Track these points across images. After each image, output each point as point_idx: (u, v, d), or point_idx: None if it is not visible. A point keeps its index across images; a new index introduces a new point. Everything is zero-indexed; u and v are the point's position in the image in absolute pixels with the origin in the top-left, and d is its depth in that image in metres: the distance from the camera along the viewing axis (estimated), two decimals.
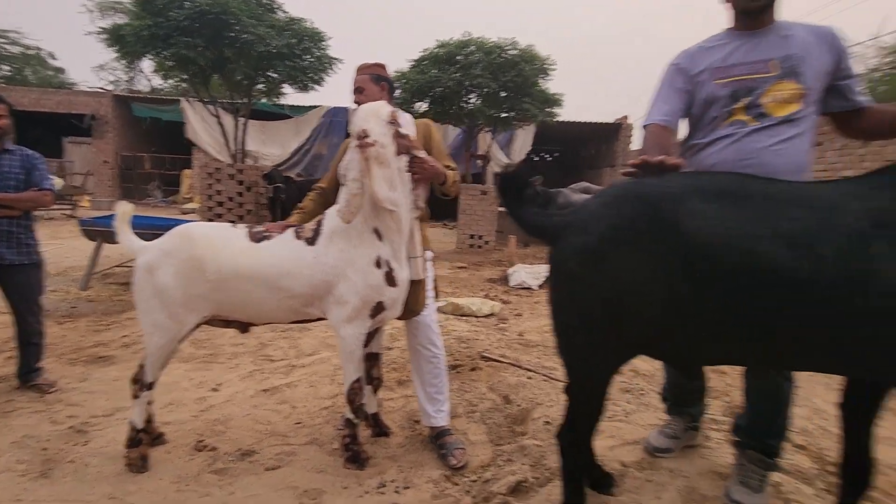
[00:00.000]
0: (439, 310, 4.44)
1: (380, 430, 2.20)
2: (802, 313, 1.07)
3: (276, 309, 1.90)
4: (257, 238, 1.89)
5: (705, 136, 1.68)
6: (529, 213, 1.38)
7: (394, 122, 1.79)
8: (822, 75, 1.57)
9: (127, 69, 19.44)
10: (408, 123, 2.11)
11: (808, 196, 1.14)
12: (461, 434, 2.19)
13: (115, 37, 6.96)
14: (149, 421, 1.96)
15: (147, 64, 7.96)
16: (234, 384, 2.79)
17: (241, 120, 8.15)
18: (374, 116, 1.73)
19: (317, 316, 1.95)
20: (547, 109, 8.59)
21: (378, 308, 1.86)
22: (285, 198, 6.66)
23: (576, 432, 1.38)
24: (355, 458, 1.95)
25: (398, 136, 1.81)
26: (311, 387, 2.79)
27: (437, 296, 2.22)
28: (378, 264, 1.83)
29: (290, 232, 1.91)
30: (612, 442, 2.02)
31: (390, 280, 1.85)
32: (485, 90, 8.21)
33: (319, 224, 1.91)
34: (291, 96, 9.24)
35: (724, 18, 1.74)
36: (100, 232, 4.81)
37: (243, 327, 2.04)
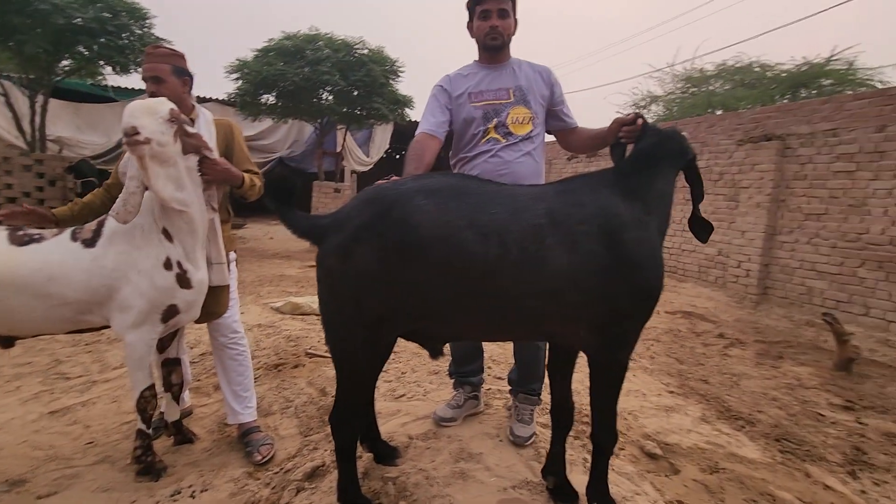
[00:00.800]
0: (278, 310, 4.37)
1: (183, 437, 2.14)
2: (497, 292, 1.33)
3: (45, 319, 1.73)
4: (22, 241, 1.72)
5: (470, 150, 2.04)
6: (297, 216, 1.45)
7: (175, 119, 1.74)
8: (542, 103, 2.03)
9: None
10: (206, 122, 2.06)
11: (508, 196, 1.41)
12: (272, 430, 2.24)
13: None
14: None
15: None
16: (10, 409, 2.45)
17: (40, 100, 6.89)
18: (146, 114, 1.66)
19: (98, 324, 1.83)
20: (398, 111, 8.82)
21: (171, 311, 1.81)
22: None
23: (345, 414, 1.51)
24: (148, 469, 1.88)
25: (184, 135, 1.77)
26: (114, 402, 2.57)
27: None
28: (168, 266, 1.78)
29: (66, 233, 1.77)
30: (406, 419, 2.25)
31: (183, 282, 1.81)
32: (336, 88, 8.13)
33: (101, 225, 1.79)
34: (119, 78, 8.05)
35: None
36: None
37: (4, 342, 1.83)
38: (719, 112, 11.93)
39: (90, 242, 1.74)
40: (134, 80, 8.43)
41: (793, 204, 5.36)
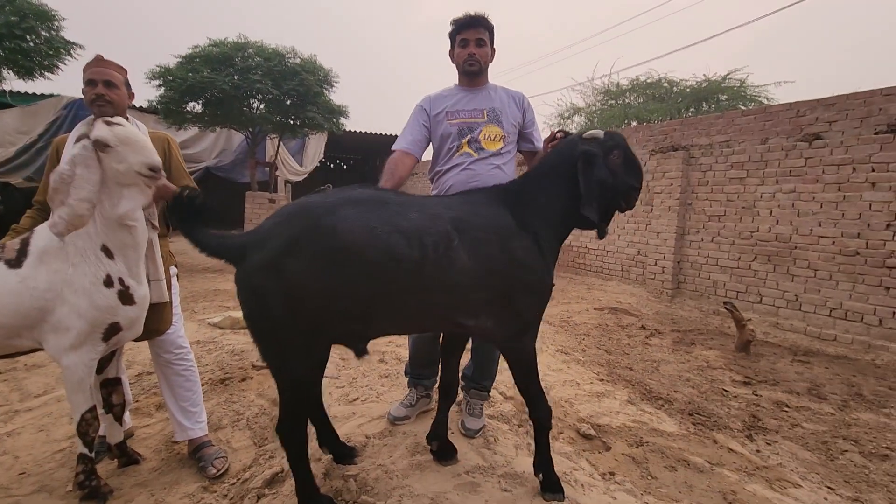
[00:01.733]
0: (216, 325, 4.24)
1: (128, 458, 2.08)
2: (418, 288, 1.48)
3: None
4: None
5: (445, 164, 2.22)
6: (207, 235, 1.45)
7: None
8: (514, 124, 2.24)
9: None
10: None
11: (423, 205, 1.59)
12: (224, 444, 2.23)
13: None
14: None
15: None
16: None
17: None
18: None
19: (28, 348, 1.74)
20: (334, 120, 8.77)
21: (113, 329, 1.76)
22: (3, 209, 5.32)
23: (292, 422, 1.57)
24: (93, 494, 1.81)
25: None
26: (41, 431, 2.42)
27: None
28: (109, 283, 1.73)
29: None
30: (362, 420, 2.34)
31: (126, 299, 1.77)
32: (268, 96, 7.95)
33: (26, 243, 1.70)
34: (15, 82, 7.33)
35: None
36: None
37: None
38: (634, 123, 12.98)
39: (15, 263, 1.65)
40: (37, 86, 7.73)
41: (698, 207, 6.02)
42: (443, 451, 1.99)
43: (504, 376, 3.19)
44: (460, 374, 2.50)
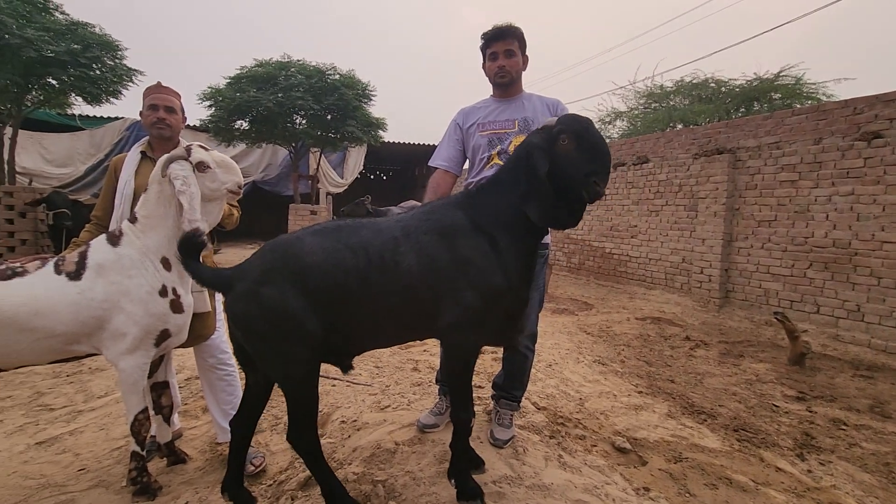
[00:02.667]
0: None
1: (176, 457, 2.21)
2: (370, 295, 1.56)
3: (30, 351, 1.75)
4: (5, 275, 1.73)
5: (476, 175, 2.27)
6: (203, 269, 1.68)
7: None
8: None
9: None
10: None
11: (375, 223, 1.69)
12: (263, 446, 2.32)
13: None
14: None
15: None
16: None
17: (9, 132, 6.82)
18: None
19: (85, 352, 1.87)
20: (372, 133, 9.02)
21: (163, 335, 1.89)
22: (72, 225, 5.79)
23: (302, 426, 1.66)
24: (144, 490, 1.94)
25: None
26: (102, 430, 2.61)
27: None
28: (164, 293, 1.86)
29: (49, 266, 1.79)
30: (392, 427, 2.37)
31: (176, 307, 1.90)
32: (309, 112, 8.29)
33: (84, 256, 1.82)
34: (86, 107, 8.02)
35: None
36: None
37: None
38: (679, 126, 12.54)
39: (75, 275, 1.78)
40: (104, 110, 8.40)
41: (746, 212, 5.74)
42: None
43: (537, 386, 3.16)
44: (491, 383, 2.51)
